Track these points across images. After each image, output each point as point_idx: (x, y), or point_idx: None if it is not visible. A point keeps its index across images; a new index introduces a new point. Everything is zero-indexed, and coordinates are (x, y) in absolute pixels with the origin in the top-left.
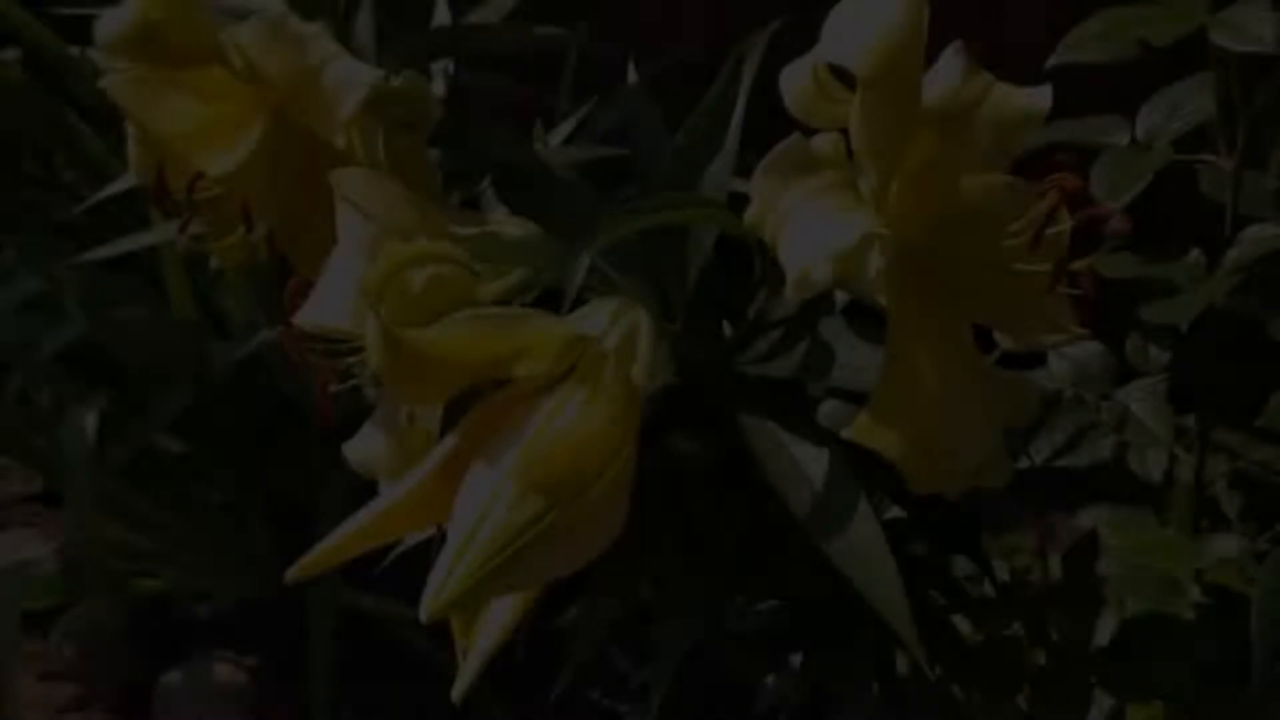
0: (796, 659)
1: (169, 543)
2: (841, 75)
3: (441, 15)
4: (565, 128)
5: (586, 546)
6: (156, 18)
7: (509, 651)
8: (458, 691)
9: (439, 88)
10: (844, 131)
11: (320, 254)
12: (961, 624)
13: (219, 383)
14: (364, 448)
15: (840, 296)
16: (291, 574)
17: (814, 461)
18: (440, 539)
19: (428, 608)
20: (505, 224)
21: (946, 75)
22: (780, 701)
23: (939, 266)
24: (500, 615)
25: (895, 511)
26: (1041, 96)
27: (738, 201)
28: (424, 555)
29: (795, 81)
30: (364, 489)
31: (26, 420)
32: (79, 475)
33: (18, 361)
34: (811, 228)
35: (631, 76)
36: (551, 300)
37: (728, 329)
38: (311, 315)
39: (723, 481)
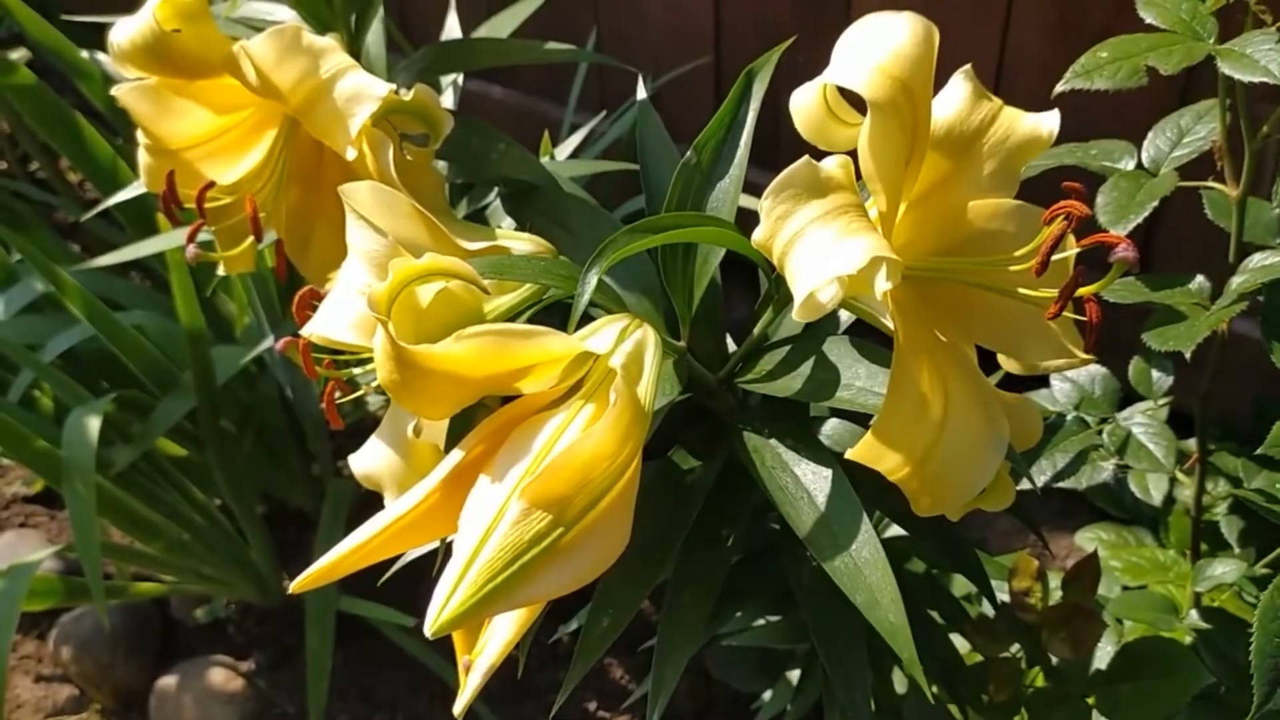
0: (795, 674)
1: (168, 547)
2: (851, 98)
3: (451, 29)
4: (573, 140)
5: (591, 564)
6: (169, 28)
7: (508, 662)
8: (459, 707)
9: (449, 101)
10: (853, 154)
11: (328, 264)
12: (960, 643)
13: (221, 388)
14: (369, 461)
15: (845, 316)
16: (294, 588)
17: (817, 480)
18: (445, 553)
19: (432, 625)
20: (513, 238)
21: (955, 99)
22: (778, 716)
23: (945, 290)
24: (502, 630)
25: (895, 530)
26: (1049, 120)
27: (745, 218)
28: (421, 562)
29: (805, 103)
30: (363, 497)
31: (29, 422)
32: (81, 478)
33: (22, 363)
34: (819, 250)
35: (640, 91)
36: (559, 314)
37: (732, 346)
38: (320, 327)
39: (725, 498)
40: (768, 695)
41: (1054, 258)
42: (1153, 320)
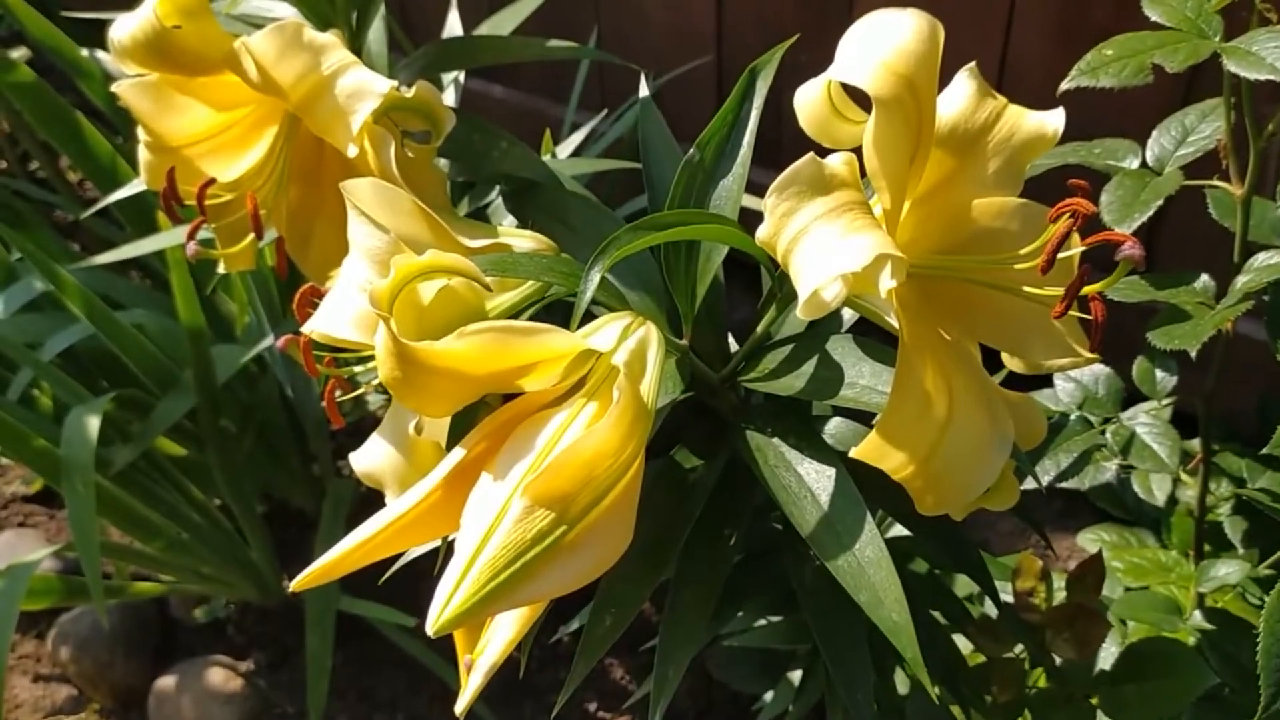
0: (796, 675)
1: (167, 546)
2: (856, 95)
3: (453, 27)
4: (575, 139)
5: (594, 562)
6: (170, 24)
7: (509, 662)
8: (461, 706)
9: (450, 99)
10: (858, 151)
11: (329, 262)
12: (963, 644)
13: (221, 387)
14: (370, 458)
15: (848, 314)
16: (294, 586)
17: (820, 479)
18: (446, 552)
19: (434, 623)
20: (515, 236)
21: (959, 96)
22: (779, 717)
23: (950, 288)
24: (504, 630)
25: (898, 530)
26: (1054, 119)
27: (747, 218)
28: (422, 561)
29: (809, 100)
30: (363, 496)
31: (29, 421)
32: (81, 477)
33: (21, 362)
34: (824, 247)
35: (642, 88)
36: (562, 312)
37: (734, 345)
38: (321, 325)
39: (727, 497)
40: (769, 696)
41: (1059, 256)
42: (1157, 319)
